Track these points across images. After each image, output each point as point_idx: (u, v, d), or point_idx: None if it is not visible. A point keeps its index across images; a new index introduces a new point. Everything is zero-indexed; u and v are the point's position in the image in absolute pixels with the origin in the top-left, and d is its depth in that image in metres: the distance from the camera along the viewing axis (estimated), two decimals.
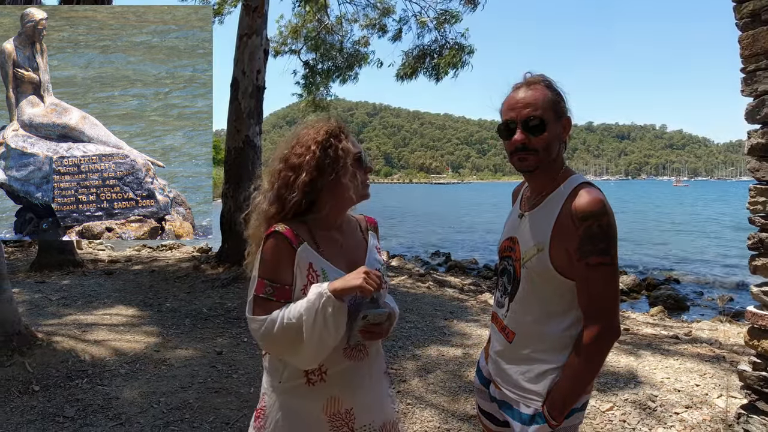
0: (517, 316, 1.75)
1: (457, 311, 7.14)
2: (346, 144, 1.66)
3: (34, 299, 7.09)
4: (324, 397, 1.62)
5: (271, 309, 1.56)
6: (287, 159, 1.68)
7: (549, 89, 1.67)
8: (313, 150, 1.63)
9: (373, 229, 1.87)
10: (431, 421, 3.82)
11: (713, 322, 7.84)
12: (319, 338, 1.48)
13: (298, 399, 1.63)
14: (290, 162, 1.66)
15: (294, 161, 1.65)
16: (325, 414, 1.62)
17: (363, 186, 1.68)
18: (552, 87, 1.68)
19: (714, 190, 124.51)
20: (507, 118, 1.68)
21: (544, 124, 1.63)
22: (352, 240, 1.77)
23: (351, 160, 1.65)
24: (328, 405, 1.62)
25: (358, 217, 1.86)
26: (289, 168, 1.66)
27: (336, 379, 1.63)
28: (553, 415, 1.62)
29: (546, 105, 1.64)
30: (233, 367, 4.77)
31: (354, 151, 1.67)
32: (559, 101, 1.67)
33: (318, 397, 1.62)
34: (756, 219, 2.82)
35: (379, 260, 1.79)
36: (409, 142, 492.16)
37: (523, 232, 1.76)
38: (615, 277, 1.57)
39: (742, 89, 2.83)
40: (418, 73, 14.43)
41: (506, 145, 1.71)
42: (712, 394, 4.15)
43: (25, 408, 3.86)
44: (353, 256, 1.72)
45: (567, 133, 1.69)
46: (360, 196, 1.69)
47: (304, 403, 1.63)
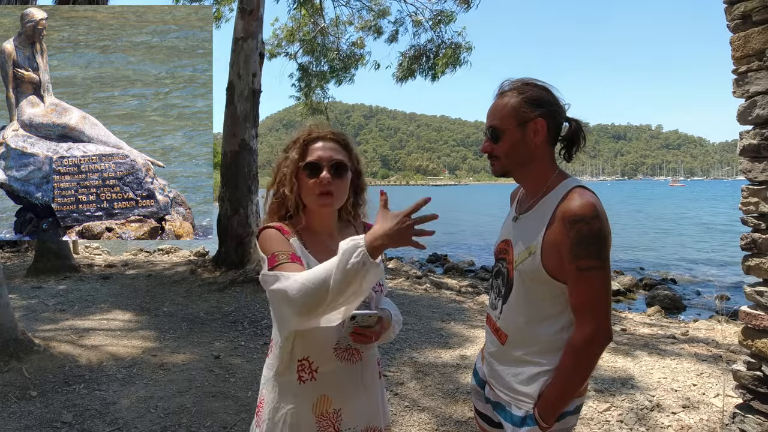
0: (510, 318, 1.76)
1: (454, 313, 7.15)
2: (293, 154, 1.68)
3: (31, 304, 7.08)
4: (314, 396, 1.64)
5: (291, 269, 1.51)
6: (276, 161, 1.77)
7: (520, 95, 1.70)
8: (278, 159, 1.74)
9: None
10: (428, 423, 3.82)
11: (710, 322, 7.86)
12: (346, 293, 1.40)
13: (290, 396, 1.65)
14: (275, 164, 1.75)
15: (275, 164, 1.75)
16: (313, 413, 1.63)
17: (315, 195, 1.65)
18: (525, 92, 1.70)
19: (710, 190, 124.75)
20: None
21: (499, 132, 1.72)
22: None
23: (291, 169, 1.67)
24: (317, 404, 1.64)
25: (357, 224, 1.86)
26: (274, 170, 1.75)
27: (326, 378, 1.64)
28: (543, 417, 1.62)
29: (506, 113, 1.70)
30: (230, 371, 4.77)
31: (293, 159, 1.68)
32: (521, 108, 1.68)
33: (308, 395, 1.64)
34: (749, 219, 2.84)
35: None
36: (406, 144, 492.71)
37: (516, 234, 1.77)
38: (606, 280, 1.58)
39: (734, 91, 2.85)
40: (416, 74, 14.48)
41: None
42: (708, 393, 4.17)
43: (22, 414, 3.85)
44: None
45: (540, 136, 1.69)
46: (314, 205, 1.67)
47: (295, 400, 1.64)
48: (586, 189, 1.64)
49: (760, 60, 2.72)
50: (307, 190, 1.66)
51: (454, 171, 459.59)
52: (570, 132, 1.76)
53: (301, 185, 1.67)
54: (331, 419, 1.64)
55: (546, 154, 1.74)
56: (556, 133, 1.74)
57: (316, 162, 1.65)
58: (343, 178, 1.69)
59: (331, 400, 1.65)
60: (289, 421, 1.64)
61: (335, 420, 1.65)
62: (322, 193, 1.64)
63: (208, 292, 7.99)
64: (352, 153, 1.76)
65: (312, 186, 1.64)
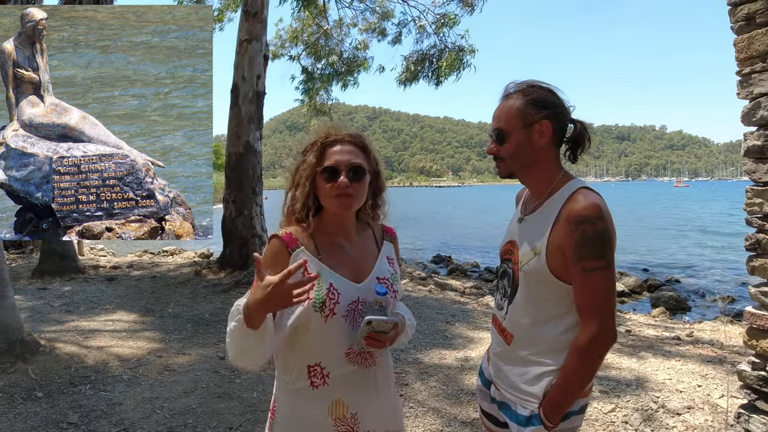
0: (516, 319, 1.77)
1: (458, 314, 7.16)
2: (310, 158, 1.67)
3: (37, 306, 7.12)
4: (328, 400, 1.63)
5: None
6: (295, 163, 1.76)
7: (525, 97, 1.71)
8: (297, 161, 1.73)
9: (389, 239, 1.85)
10: (433, 424, 3.83)
11: (715, 323, 7.84)
12: (230, 347, 1.58)
13: (304, 401, 1.64)
14: (293, 167, 1.74)
15: (293, 167, 1.74)
16: (331, 417, 1.62)
17: (333, 198, 1.64)
18: (530, 94, 1.72)
19: (715, 190, 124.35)
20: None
21: (505, 134, 1.73)
22: (362, 248, 1.76)
23: (307, 173, 1.66)
24: (333, 408, 1.63)
25: (375, 226, 1.85)
26: (292, 173, 1.74)
27: (339, 382, 1.63)
28: (548, 417, 1.63)
29: (511, 115, 1.72)
30: (236, 372, 4.78)
31: (310, 163, 1.67)
32: (526, 109, 1.70)
33: (322, 400, 1.63)
34: (753, 220, 2.84)
35: (389, 270, 1.77)
36: (409, 146, 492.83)
37: (521, 235, 1.78)
38: (611, 281, 1.58)
39: (738, 92, 2.85)
40: (419, 79, 14.48)
41: None
42: (713, 394, 4.16)
43: (28, 414, 3.87)
44: (361, 265, 1.72)
45: (545, 137, 1.70)
46: (333, 208, 1.67)
47: (310, 405, 1.64)
48: (590, 190, 1.65)
49: (764, 62, 2.72)
50: (326, 194, 1.65)
51: (457, 172, 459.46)
52: (575, 133, 1.77)
53: (319, 189, 1.66)
54: (349, 423, 1.64)
55: (551, 155, 1.75)
56: (561, 135, 1.75)
57: (334, 166, 1.64)
58: (362, 181, 1.67)
59: (346, 404, 1.64)
60: (306, 427, 1.64)
61: (353, 424, 1.64)
62: (340, 196, 1.63)
63: (212, 293, 8.02)
64: (371, 155, 1.75)
65: (330, 190, 1.63)
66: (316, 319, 1.59)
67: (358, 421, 1.65)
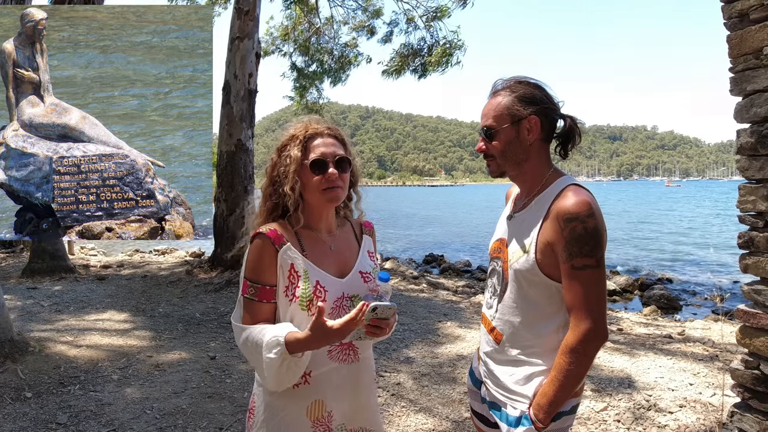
0: (505, 318, 1.75)
1: (450, 313, 7.15)
2: (294, 152, 1.64)
3: (26, 305, 7.05)
4: (308, 400, 1.62)
5: (254, 309, 1.61)
6: (271, 160, 1.72)
7: (513, 93, 1.70)
8: (272, 157, 1.71)
9: (368, 233, 1.85)
10: (425, 423, 3.81)
11: (706, 321, 7.88)
12: (270, 377, 1.53)
13: (283, 400, 1.62)
14: (269, 164, 1.72)
15: (269, 164, 1.72)
16: (309, 419, 1.61)
17: (321, 191, 1.62)
18: (517, 90, 1.70)
19: (706, 190, 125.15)
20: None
21: (493, 131, 1.72)
22: (344, 243, 1.75)
23: (293, 167, 1.63)
24: (311, 409, 1.62)
25: (354, 221, 1.84)
26: (268, 170, 1.72)
27: (320, 381, 1.62)
28: (539, 417, 1.61)
29: (499, 112, 1.71)
30: (227, 371, 4.75)
31: (295, 157, 1.63)
32: (514, 106, 1.68)
33: (302, 400, 1.61)
34: (746, 217, 2.84)
35: (370, 264, 1.77)
36: (402, 145, 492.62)
37: (511, 233, 1.77)
38: (601, 279, 1.56)
39: (731, 89, 2.84)
40: (405, 71, 14.45)
41: None
42: (705, 393, 4.17)
43: (17, 415, 3.83)
44: (343, 259, 1.71)
45: (534, 133, 1.69)
46: (322, 200, 1.65)
47: (288, 405, 1.62)
48: (580, 187, 1.63)
49: (757, 58, 2.71)
50: (313, 187, 1.63)
51: (450, 172, 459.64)
52: (565, 129, 1.75)
53: (304, 183, 1.64)
54: (326, 423, 1.63)
55: (541, 151, 1.74)
56: (550, 131, 1.74)
57: (322, 159, 1.62)
58: (347, 172, 1.68)
59: (324, 403, 1.63)
60: (283, 428, 1.62)
61: (329, 422, 1.64)
62: (329, 189, 1.61)
63: (204, 292, 7.98)
64: (347, 147, 1.74)
65: (318, 183, 1.62)
66: (302, 317, 1.57)
67: (332, 417, 1.64)
